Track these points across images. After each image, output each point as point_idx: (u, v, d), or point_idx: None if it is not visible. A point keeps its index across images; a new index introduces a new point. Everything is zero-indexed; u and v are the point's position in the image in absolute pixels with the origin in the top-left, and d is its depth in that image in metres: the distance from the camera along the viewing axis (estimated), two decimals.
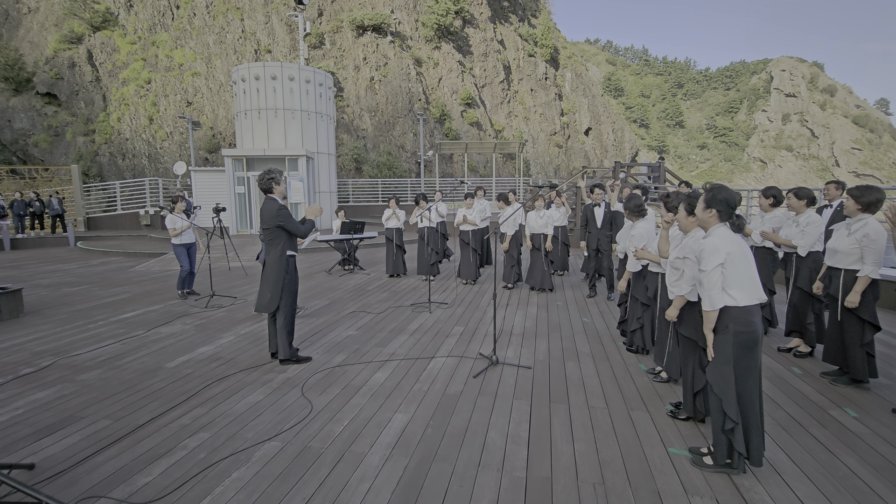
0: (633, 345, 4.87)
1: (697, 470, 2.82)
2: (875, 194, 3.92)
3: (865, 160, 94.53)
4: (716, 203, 2.75)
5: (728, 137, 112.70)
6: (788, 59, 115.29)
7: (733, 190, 2.82)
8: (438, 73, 30.84)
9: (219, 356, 4.82)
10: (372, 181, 22.53)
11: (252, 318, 6.20)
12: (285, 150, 15.45)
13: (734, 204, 2.72)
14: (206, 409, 3.64)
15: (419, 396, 3.84)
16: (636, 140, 52.21)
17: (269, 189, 4.52)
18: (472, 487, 2.65)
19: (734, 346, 2.64)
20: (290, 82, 15.60)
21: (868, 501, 2.52)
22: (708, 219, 2.81)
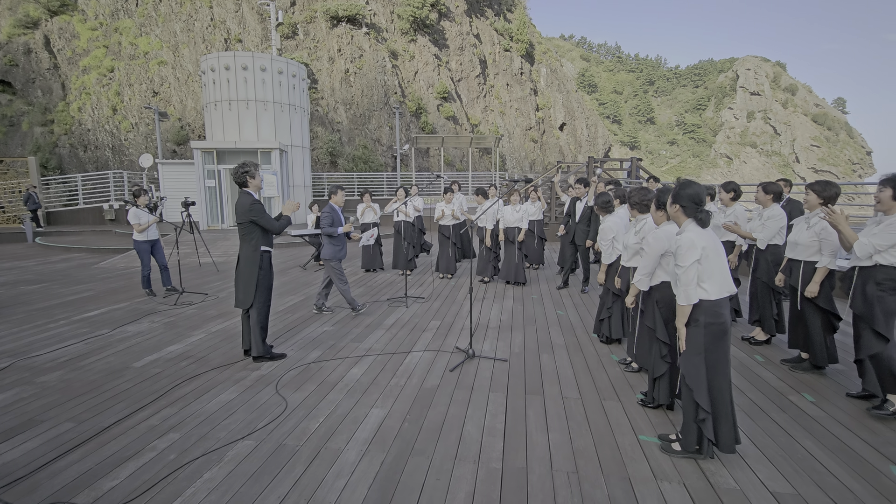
0: (599, 332, 4.99)
1: (666, 456, 2.91)
2: (833, 189, 4.11)
3: (823, 157, 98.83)
4: (681, 199, 2.83)
5: (696, 134, 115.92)
6: (753, 58, 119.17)
7: (701, 185, 2.90)
8: (414, 67, 30.60)
9: (189, 354, 4.69)
10: (347, 175, 22.25)
11: (224, 315, 6.06)
12: (258, 142, 15.08)
13: (700, 200, 2.79)
14: (175, 409, 3.55)
15: (396, 391, 3.84)
16: (609, 136, 53.16)
17: (243, 182, 4.42)
18: (448, 480, 2.67)
19: (705, 338, 2.73)
20: (262, 73, 15.20)
21: (824, 481, 2.66)
22: (675, 214, 2.89)
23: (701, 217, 2.78)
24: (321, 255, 5.95)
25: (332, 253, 5.77)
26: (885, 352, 3.36)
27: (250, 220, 4.30)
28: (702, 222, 2.78)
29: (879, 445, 3.02)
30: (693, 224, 2.80)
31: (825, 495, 2.54)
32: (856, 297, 3.54)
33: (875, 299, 3.39)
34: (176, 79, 27.01)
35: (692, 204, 2.79)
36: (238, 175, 4.39)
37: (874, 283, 3.40)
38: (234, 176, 4.43)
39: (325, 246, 5.79)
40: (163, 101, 26.67)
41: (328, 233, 5.72)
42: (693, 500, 2.52)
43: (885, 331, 3.35)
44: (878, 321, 3.37)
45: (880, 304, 3.37)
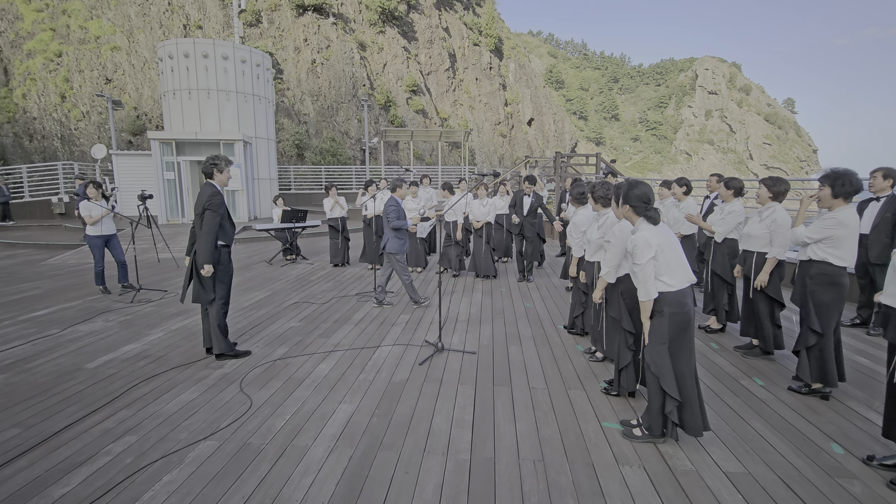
0: (574, 327, 5.10)
1: (627, 441, 3.02)
2: (783, 185, 4.34)
3: (775, 154, 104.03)
4: (630, 199, 2.93)
5: (658, 131, 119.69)
6: (711, 58, 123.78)
7: (648, 185, 3.00)
8: (383, 59, 30.20)
9: (147, 354, 4.51)
10: (315, 168, 21.79)
11: (184, 313, 5.85)
12: (220, 133, 14.57)
13: (648, 199, 2.89)
14: (132, 410, 3.41)
15: (364, 386, 3.81)
16: (576, 131, 54.18)
17: (209, 173, 4.28)
18: (417, 473, 2.68)
19: (669, 327, 2.83)
20: (224, 61, 14.65)
21: (771, 460, 2.82)
22: (626, 213, 2.99)
23: (650, 215, 2.88)
24: (386, 249, 5.89)
25: (397, 247, 5.84)
26: (819, 344, 3.55)
27: (205, 208, 4.12)
28: (652, 220, 2.88)
29: (821, 425, 3.23)
30: (645, 222, 2.91)
31: (772, 473, 2.70)
32: (795, 291, 3.75)
33: (808, 293, 3.59)
34: (131, 65, 25.68)
35: (641, 203, 2.90)
36: (206, 165, 4.27)
37: (809, 278, 3.59)
38: (203, 165, 4.30)
39: (390, 240, 5.82)
40: (117, 88, 25.31)
41: (398, 226, 5.77)
42: (653, 482, 2.62)
43: (815, 325, 3.54)
44: (810, 316, 3.57)
45: (812, 298, 3.56)
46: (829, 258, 3.48)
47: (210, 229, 4.07)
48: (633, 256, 2.86)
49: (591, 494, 2.51)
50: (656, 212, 2.90)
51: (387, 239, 5.86)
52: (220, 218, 4.19)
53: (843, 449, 2.94)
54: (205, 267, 4.07)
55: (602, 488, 2.56)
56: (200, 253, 4.07)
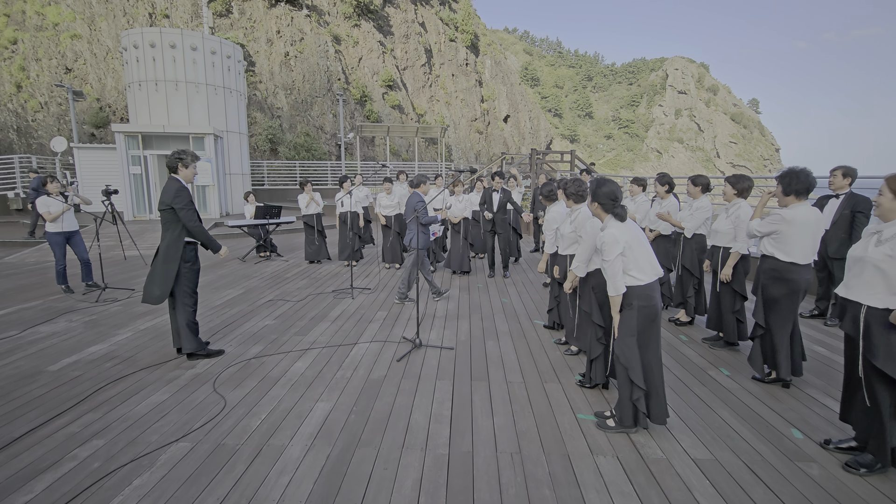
0: (549, 321, 5.19)
1: (601, 432, 3.10)
2: (746, 182, 4.52)
3: (740, 153, 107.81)
4: (598, 197, 3.01)
5: (630, 129, 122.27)
6: (681, 59, 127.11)
7: (615, 183, 3.08)
8: (358, 53, 29.80)
9: (114, 355, 4.36)
10: (289, 163, 21.38)
11: (153, 312, 5.67)
12: (189, 127, 14.13)
13: (615, 196, 2.98)
14: (99, 413, 3.29)
15: (342, 383, 3.79)
16: (551, 129, 54.82)
17: (174, 168, 4.17)
18: (396, 469, 2.69)
19: (638, 320, 2.91)
20: (193, 52, 14.18)
21: (737, 446, 2.95)
22: (595, 211, 3.07)
23: (617, 212, 2.97)
24: (414, 245, 5.90)
25: (425, 242, 5.99)
26: (767, 336, 3.70)
27: (171, 205, 4.01)
28: (619, 217, 2.97)
29: (783, 412, 3.39)
30: (613, 219, 2.99)
31: (738, 458, 2.82)
32: (753, 284, 3.91)
33: (760, 287, 3.75)
34: (93, 55, 24.56)
35: (609, 201, 2.99)
36: (171, 159, 4.16)
37: (762, 272, 3.75)
38: (167, 161, 4.19)
39: (418, 235, 5.75)
40: (77, 78, 24.18)
41: (429, 221, 5.85)
42: (626, 471, 2.70)
43: (759, 319, 3.70)
44: (756, 309, 3.74)
45: (763, 292, 3.70)
46: (775, 253, 3.61)
47: (194, 223, 4.09)
48: (602, 253, 2.94)
49: (567, 484, 2.57)
50: (623, 209, 2.99)
51: (412, 234, 5.88)
52: (194, 209, 4.12)
53: (802, 434, 3.09)
54: (220, 251, 4.33)
55: (577, 478, 2.62)
56: (208, 244, 4.20)
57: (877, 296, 2.58)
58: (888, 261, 2.53)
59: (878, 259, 2.57)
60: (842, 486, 2.57)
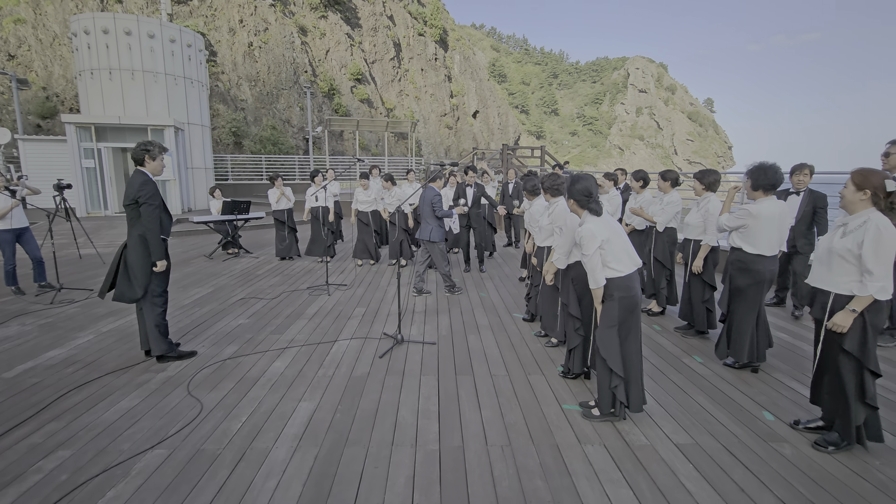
0: (528, 313, 5.25)
1: (587, 421, 3.15)
2: (714, 176, 4.69)
3: (696, 150, 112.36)
4: (573, 194, 3.07)
5: (594, 126, 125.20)
6: (641, 58, 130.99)
7: (590, 180, 3.12)
8: (325, 45, 29.11)
9: (76, 359, 4.10)
10: (255, 157, 20.69)
11: (116, 313, 5.37)
12: (147, 118, 13.44)
13: (589, 192, 3.04)
14: (63, 422, 3.09)
15: (324, 382, 3.70)
16: (518, 125, 55.35)
17: (139, 160, 3.93)
18: (387, 467, 2.65)
19: (619, 311, 2.97)
20: (150, 40, 13.47)
21: (714, 430, 3.06)
22: (572, 207, 3.13)
23: (593, 207, 3.04)
24: (430, 238, 6.03)
25: (441, 235, 6.07)
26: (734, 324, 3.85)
27: (136, 198, 3.78)
28: (595, 212, 3.03)
29: (754, 395, 3.54)
30: (589, 215, 3.05)
31: (716, 441, 2.93)
32: (723, 276, 4.07)
33: (728, 278, 3.91)
34: (38, 40, 22.95)
35: (583, 197, 3.05)
36: (137, 151, 3.91)
37: (730, 264, 3.91)
38: (132, 152, 3.95)
39: (434, 229, 6.00)
40: (21, 66, 22.55)
41: (446, 215, 6.01)
42: (613, 458, 2.76)
43: (723, 307, 3.89)
44: (722, 297, 3.91)
45: (731, 282, 3.87)
46: (743, 245, 3.77)
47: (153, 224, 3.81)
48: (581, 247, 3.00)
49: (558, 474, 2.60)
50: (598, 204, 3.05)
51: (430, 228, 5.98)
52: (158, 209, 3.89)
53: (773, 416, 3.24)
54: (158, 263, 3.85)
55: (567, 467, 2.66)
56: (152, 249, 3.83)
57: (842, 284, 2.73)
58: (852, 252, 2.68)
59: (842, 250, 2.71)
60: (812, 464, 2.71)
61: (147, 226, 3.80)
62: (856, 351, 2.69)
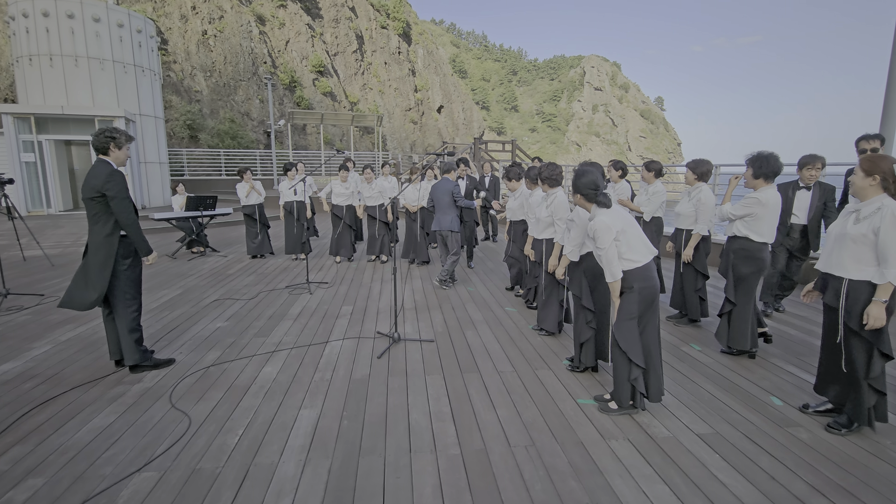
0: (526, 299, 5.28)
1: (605, 415, 3.07)
2: (706, 166, 4.73)
3: (649, 146, 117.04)
4: (580, 188, 3.00)
5: (553, 123, 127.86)
6: (596, 57, 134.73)
7: (596, 172, 3.05)
8: (285, 35, 28.01)
9: (33, 373, 3.64)
10: (213, 151, 19.63)
11: (74, 319, 4.86)
12: (93, 108, 12.42)
13: (596, 185, 2.97)
14: (29, 445, 2.70)
15: (323, 387, 3.45)
16: (482, 121, 55.59)
17: (103, 149, 3.51)
18: (409, 476, 2.46)
19: (639, 303, 2.90)
20: (96, 24, 12.43)
21: (730, 418, 3.05)
22: (580, 202, 3.05)
23: (601, 200, 2.97)
24: (448, 227, 6.07)
25: (457, 225, 6.11)
26: (735, 312, 3.94)
27: (104, 192, 3.39)
28: (604, 204, 2.96)
29: (757, 381, 3.59)
30: (598, 208, 2.98)
31: (735, 430, 2.92)
32: (721, 264, 4.11)
33: (730, 266, 3.96)
34: None
35: (590, 191, 2.98)
36: (100, 138, 3.49)
37: (732, 252, 3.95)
38: (94, 140, 3.52)
39: (453, 219, 6.06)
40: None
41: (468, 204, 6.11)
42: (640, 452, 2.68)
43: (731, 296, 3.93)
44: (728, 286, 3.96)
45: (734, 271, 3.92)
46: (749, 234, 3.81)
47: (128, 217, 3.47)
48: (595, 241, 2.91)
49: (590, 473, 2.49)
50: (606, 196, 2.98)
51: (450, 218, 6.05)
52: (127, 197, 3.51)
53: (781, 401, 3.28)
54: (148, 257, 3.62)
55: (597, 465, 2.56)
56: (137, 245, 3.57)
57: (857, 270, 2.76)
58: (867, 237, 2.71)
59: (857, 235, 2.74)
60: (831, 448, 2.73)
61: (123, 221, 3.44)
62: (871, 335, 2.72)
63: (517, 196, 5.66)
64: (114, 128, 3.57)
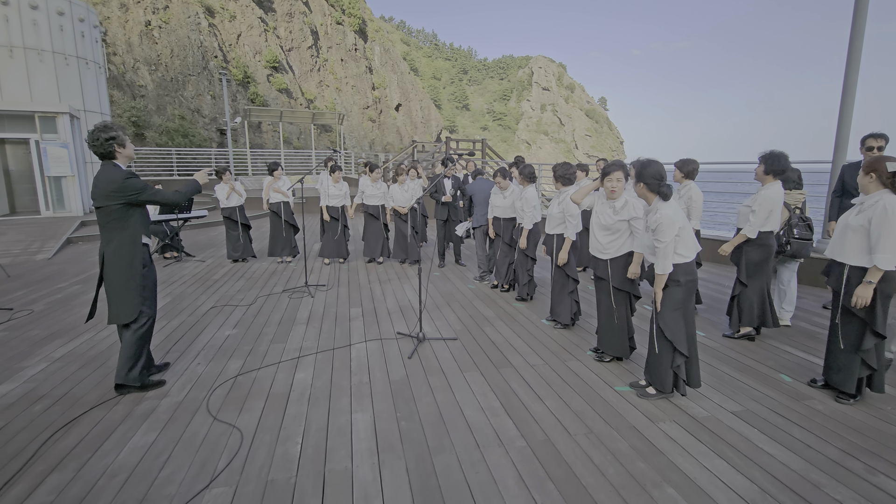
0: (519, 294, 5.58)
1: (645, 401, 3.26)
2: (692, 164, 5.07)
3: (594, 144, 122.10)
4: (644, 177, 3.11)
5: (503, 121, 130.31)
6: (543, 58, 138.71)
7: (659, 163, 3.20)
8: (236, 28, 26.72)
9: (38, 394, 3.34)
10: (162, 150, 18.41)
11: (61, 333, 4.48)
12: (31, 103, 11.33)
13: (661, 176, 3.10)
14: (69, 472, 2.49)
15: (365, 390, 3.41)
16: (441, 119, 55.66)
17: (108, 153, 3.24)
18: (487, 470, 2.51)
19: (683, 294, 3.09)
20: (33, 11, 11.33)
21: (753, 395, 3.33)
22: (641, 192, 3.17)
23: (664, 191, 3.08)
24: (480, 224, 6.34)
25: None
26: (744, 293, 4.31)
27: (128, 199, 3.18)
28: (665, 196, 3.09)
29: (764, 360, 3.92)
30: (660, 201, 3.09)
31: (762, 406, 3.19)
32: (733, 254, 4.45)
33: (743, 252, 4.31)
34: None
35: (654, 181, 3.09)
36: (100, 144, 3.18)
37: (744, 242, 4.30)
38: (93, 144, 3.21)
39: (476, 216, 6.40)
40: None
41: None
42: (688, 431, 2.88)
43: (744, 278, 4.30)
44: (740, 269, 4.32)
45: (746, 256, 4.30)
46: (764, 227, 4.16)
47: (167, 197, 3.45)
48: (658, 233, 3.02)
49: (652, 454, 2.65)
50: (669, 188, 3.10)
51: (482, 216, 6.33)
52: (153, 188, 3.32)
53: (789, 377, 3.62)
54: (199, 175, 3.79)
55: (656, 446, 2.72)
56: (181, 197, 3.56)
57: (856, 257, 3.10)
58: (864, 227, 3.05)
59: (856, 226, 3.08)
60: (847, 416, 3.06)
61: (170, 201, 3.48)
62: (865, 314, 3.06)
63: (507, 195, 5.81)
64: (104, 126, 3.24)
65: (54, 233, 9.66)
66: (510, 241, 5.78)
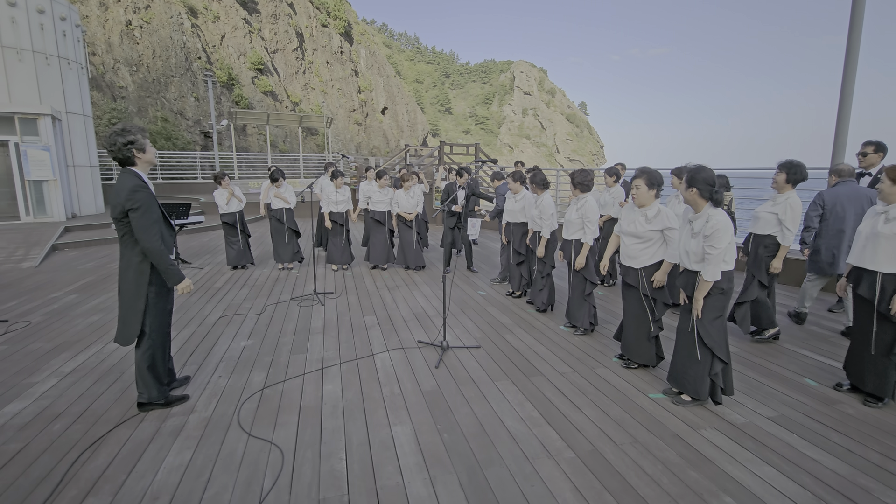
0: (533, 302, 5.59)
1: (681, 408, 3.27)
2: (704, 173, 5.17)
3: (575, 149, 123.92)
4: (697, 182, 3.11)
5: (485, 125, 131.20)
6: (525, 62, 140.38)
7: (710, 169, 3.19)
8: (220, 29, 26.21)
9: (54, 412, 3.17)
10: None
11: (67, 346, 4.27)
12: (10, 104, 10.89)
13: (713, 181, 3.11)
14: (105, 496, 2.36)
15: (398, 402, 3.34)
16: (427, 123, 55.68)
17: (126, 159, 2.99)
18: (541, 482, 2.47)
19: (725, 302, 3.12)
20: (12, 9, 10.90)
21: (784, 401, 3.38)
22: (692, 197, 3.15)
23: (716, 197, 3.09)
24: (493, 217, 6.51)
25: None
26: (761, 296, 4.42)
27: (127, 208, 2.88)
28: (716, 202, 3.10)
29: (786, 364, 3.99)
30: (712, 207, 3.09)
31: (795, 411, 3.24)
32: (749, 257, 4.54)
33: (762, 259, 4.40)
34: None
35: (707, 186, 3.08)
36: (118, 149, 2.94)
37: (763, 247, 4.40)
38: (110, 149, 2.99)
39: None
40: None
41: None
42: (731, 439, 2.89)
43: (764, 280, 4.40)
44: (761, 273, 4.41)
45: (764, 262, 4.40)
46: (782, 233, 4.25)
47: (149, 236, 2.89)
48: (712, 239, 2.97)
49: (701, 462, 2.66)
50: (720, 194, 3.08)
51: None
52: (155, 219, 2.98)
53: (815, 382, 3.68)
54: (179, 286, 3.07)
55: (703, 454, 2.73)
56: (163, 272, 3.00)
57: (890, 264, 3.18)
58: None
59: (889, 234, 3.16)
60: (878, 419, 3.13)
61: (143, 239, 2.88)
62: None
63: (519, 199, 5.83)
64: (122, 129, 3.02)
65: (38, 239, 9.27)
66: (519, 246, 5.79)
